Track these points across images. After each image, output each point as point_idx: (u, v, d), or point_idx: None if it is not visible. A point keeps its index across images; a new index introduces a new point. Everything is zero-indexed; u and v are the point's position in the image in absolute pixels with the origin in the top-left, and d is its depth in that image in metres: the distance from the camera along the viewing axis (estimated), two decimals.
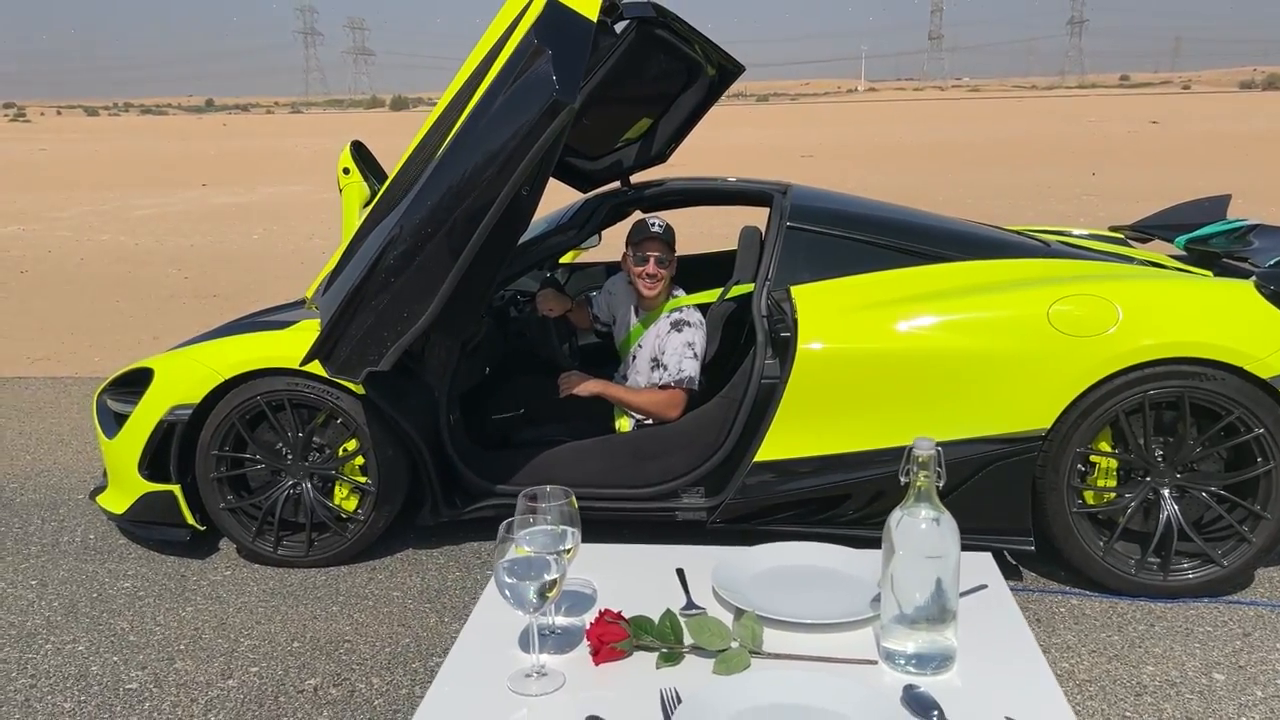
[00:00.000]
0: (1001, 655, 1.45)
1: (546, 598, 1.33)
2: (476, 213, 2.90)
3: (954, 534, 1.39)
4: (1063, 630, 3.12)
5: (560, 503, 1.47)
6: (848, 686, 1.32)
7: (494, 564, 1.35)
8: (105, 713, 2.79)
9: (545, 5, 2.92)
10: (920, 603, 1.38)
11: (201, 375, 3.58)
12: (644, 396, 3.65)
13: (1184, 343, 3.15)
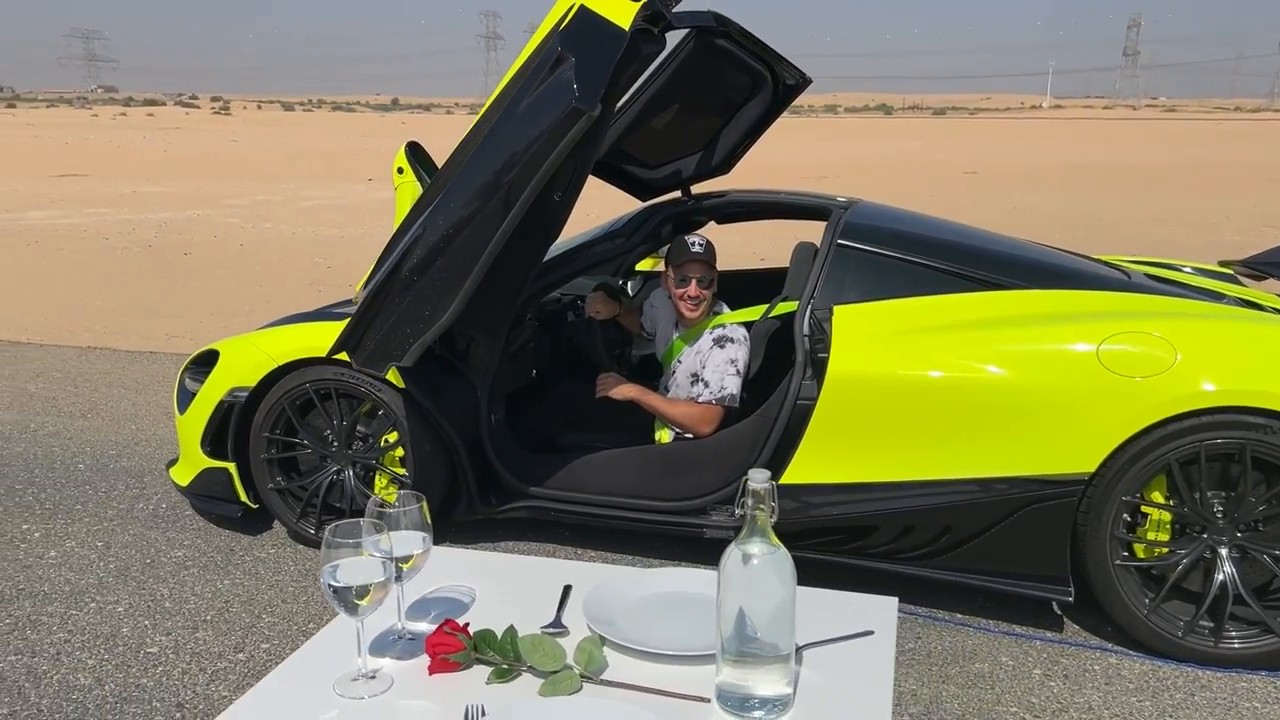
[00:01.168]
0: (845, 708, 1.35)
1: (358, 605, 1.33)
2: (497, 216, 2.93)
3: (788, 571, 1.31)
4: (1089, 689, 2.91)
5: (412, 507, 1.46)
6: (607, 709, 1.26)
7: (321, 566, 1.36)
8: (121, 672, 2.95)
9: (576, 11, 2.92)
10: (750, 641, 1.30)
11: (258, 360, 3.74)
12: (680, 409, 3.60)
13: (1247, 390, 2.89)
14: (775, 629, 1.30)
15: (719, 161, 4.14)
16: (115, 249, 12.29)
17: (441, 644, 1.41)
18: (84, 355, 6.90)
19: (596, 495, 3.59)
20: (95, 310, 8.54)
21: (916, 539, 3.25)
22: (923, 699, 2.85)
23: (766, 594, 1.29)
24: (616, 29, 2.91)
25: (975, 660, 3.06)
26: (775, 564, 1.30)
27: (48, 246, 12.43)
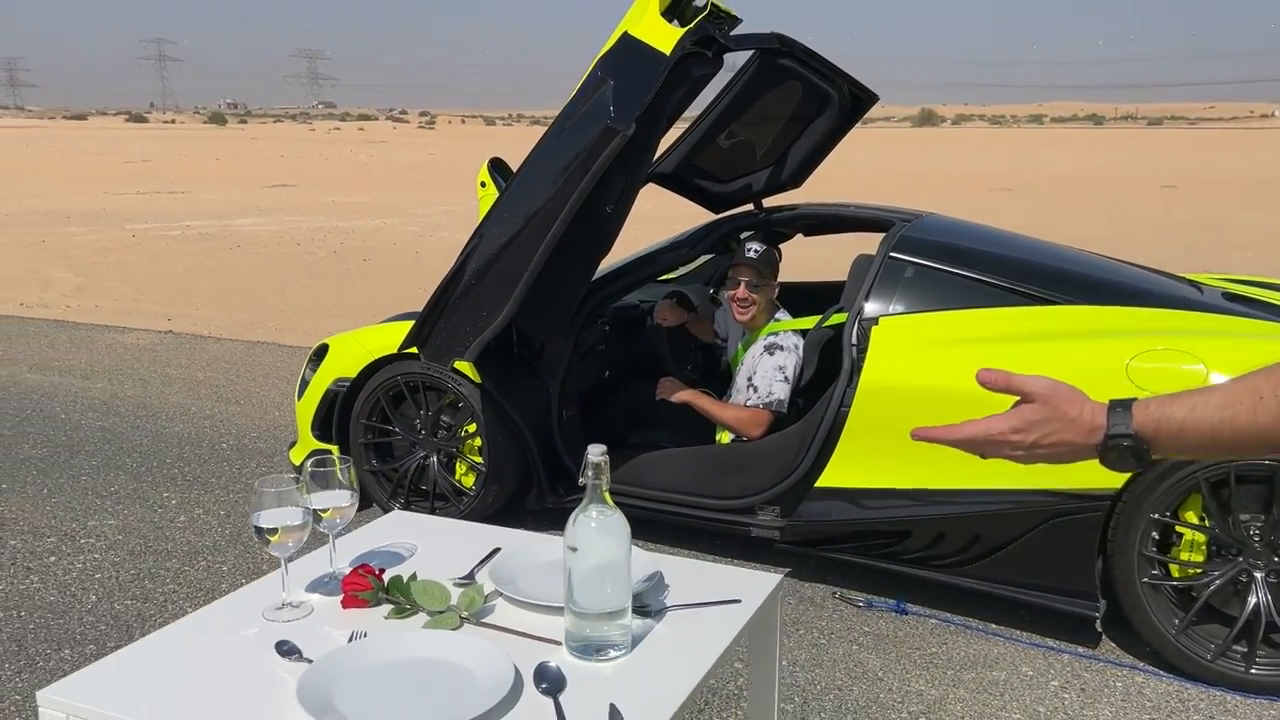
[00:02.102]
0: (673, 660, 1.53)
1: (270, 540, 1.60)
2: (544, 226, 3.20)
3: (623, 533, 1.50)
4: (1103, 704, 2.91)
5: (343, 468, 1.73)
6: (486, 648, 1.48)
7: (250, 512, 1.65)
8: None
9: (619, 38, 3.16)
10: (589, 595, 1.50)
11: (359, 354, 4.15)
12: (730, 412, 3.78)
13: None
14: (611, 583, 1.50)
15: (789, 176, 4.29)
16: (304, 254, 13.33)
17: (354, 584, 1.68)
18: (252, 349, 7.62)
19: (654, 490, 3.80)
20: (273, 309, 9.36)
21: (947, 546, 3.31)
22: (927, 699, 2.93)
23: (604, 552, 1.48)
24: (656, 53, 3.14)
25: (994, 668, 3.11)
26: (611, 526, 1.49)
27: (247, 250, 13.62)
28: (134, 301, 9.74)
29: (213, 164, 36.56)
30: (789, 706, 2.89)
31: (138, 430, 5.47)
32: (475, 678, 1.44)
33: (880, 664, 3.13)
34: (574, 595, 1.51)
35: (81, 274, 11.43)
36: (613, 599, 1.51)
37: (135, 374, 6.76)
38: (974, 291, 3.43)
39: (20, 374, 6.72)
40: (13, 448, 5.15)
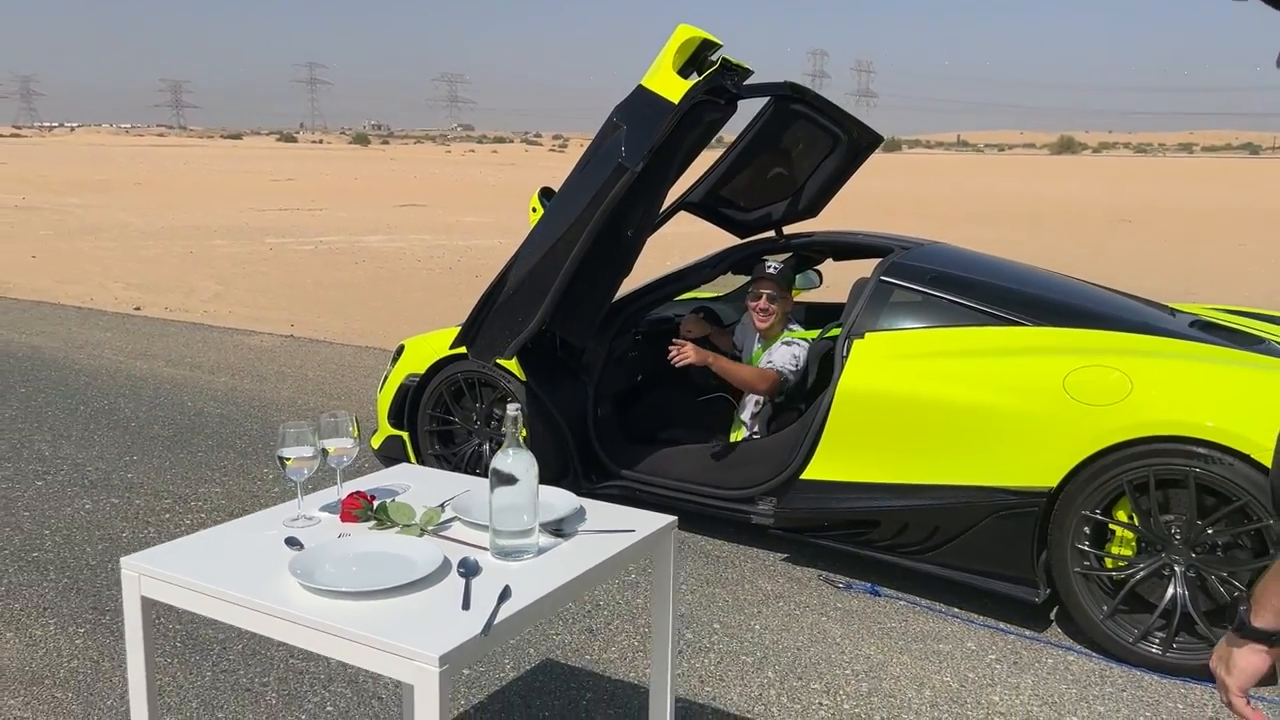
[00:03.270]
0: (565, 563, 2.07)
1: (286, 464, 2.21)
2: (568, 246, 3.79)
3: (531, 468, 2.05)
4: (1028, 675, 3.31)
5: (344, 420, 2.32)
6: (429, 547, 2.05)
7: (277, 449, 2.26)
8: None
9: (635, 89, 3.74)
10: (505, 515, 2.05)
11: (427, 353, 4.82)
12: (745, 370, 4.24)
13: (1191, 423, 3.20)
14: (523, 508, 2.05)
15: (805, 206, 4.78)
16: (422, 269, 14.29)
17: (351, 504, 2.27)
18: (360, 352, 8.45)
19: (671, 480, 4.33)
20: (384, 318, 10.23)
21: (911, 535, 3.76)
22: (872, 661, 3.38)
23: (516, 483, 2.04)
24: (665, 102, 3.70)
25: (942, 642, 3.54)
26: (522, 462, 2.05)
27: (371, 265, 14.66)
28: (264, 309, 10.75)
29: (351, 183, 38.57)
30: (749, 659, 3.39)
31: (249, 418, 6.28)
32: (415, 563, 2.02)
33: (841, 633, 3.59)
34: (493, 517, 2.07)
35: (221, 283, 12.58)
36: (525, 518, 2.07)
37: (254, 371, 7.63)
38: (950, 313, 3.87)
39: (158, 367, 7.66)
40: (145, 427, 6.01)
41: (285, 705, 3.06)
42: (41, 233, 18.42)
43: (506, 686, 3.19)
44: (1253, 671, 1.43)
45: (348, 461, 2.34)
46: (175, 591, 2.01)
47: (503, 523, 2.07)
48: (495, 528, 2.09)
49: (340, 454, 2.31)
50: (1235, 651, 1.44)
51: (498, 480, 2.05)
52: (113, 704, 3.05)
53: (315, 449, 2.26)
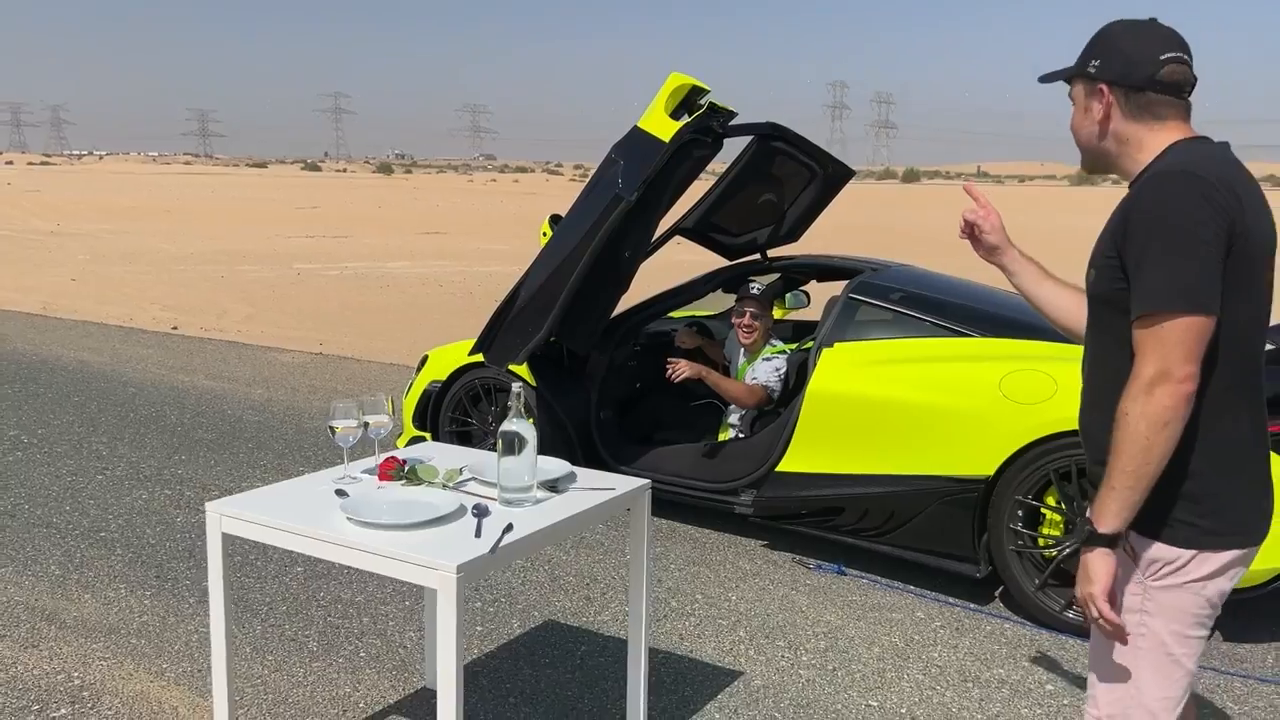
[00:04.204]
0: (556, 509, 2.60)
1: (335, 431, 2.76)
2: (571, 265, 4.34)
3: (531, 435, 2.58)
4: (966, 637, 3.81)
5: (379, 399, 2.87)
6: (449, 495, 2.59)
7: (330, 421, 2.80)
8: None
9: (631, 129, 4.30)
10: (510, 473, 2.59)
11: (448, 363, 5.37)
12: (734, 386, 4.77)
13: None
14: (524, 467, 2.59)
15: (786, 232, 5.32)
16: (444, 294, 14.91)
17: (387, 465, 2.81)
18: (385, 369, 9.03)
19: (666, 475, 4.85)
20: (407, 338, 10.81)
21: (870, 520, 4.27)
22: (831, 625, 3.89)
23: (520, 447, 2.58)
24: (657, 141, 4.26)
25: (896, 611, 4.04)
26: (523, 430, 2.58)
27: (394, 289, 15.29)
28: (294, 329, 11.36)
29: (375, 211, 39.44)
30: (724, 623, 3.90)
31: (284, 424, 6.85)
32: (438, 506, 2.56)
33: (807, 603, 4.10)
34: (501, 475, 2.61)
35: (252, 305, 13.22)
36: (525, 476, 2.61)
37: (287, 384, 8.21)
38: (907, 325, 4.39)
39: (198, 380, 8.26)
40: (190, 431, 6.59)
41: (324, 651, 3.59)
42: (79, 258, 19.17)
43: (514, 640, 3.71)
44: (1106, 572, 1.91)
45: (384, 433, 2.89)
46: (249, 527, 2.56)
47: (508, 479, 2.61)
48: (502, 484, 2.62)
49: (378, 426, 2.86)
50: (1089, 560, 1.91)
51: (504, 441, 2.59)
52: (179, 648, 3.59)
53: (359, 421, 2.81)
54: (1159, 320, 1.82)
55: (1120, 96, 1.99)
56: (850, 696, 3.36)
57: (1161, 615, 1.93)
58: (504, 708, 3.24)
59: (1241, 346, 1.90)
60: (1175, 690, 1.95)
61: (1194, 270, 1.80)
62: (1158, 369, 1.81)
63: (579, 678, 3.46)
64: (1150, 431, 1.81)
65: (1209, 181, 1.83)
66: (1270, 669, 3.63)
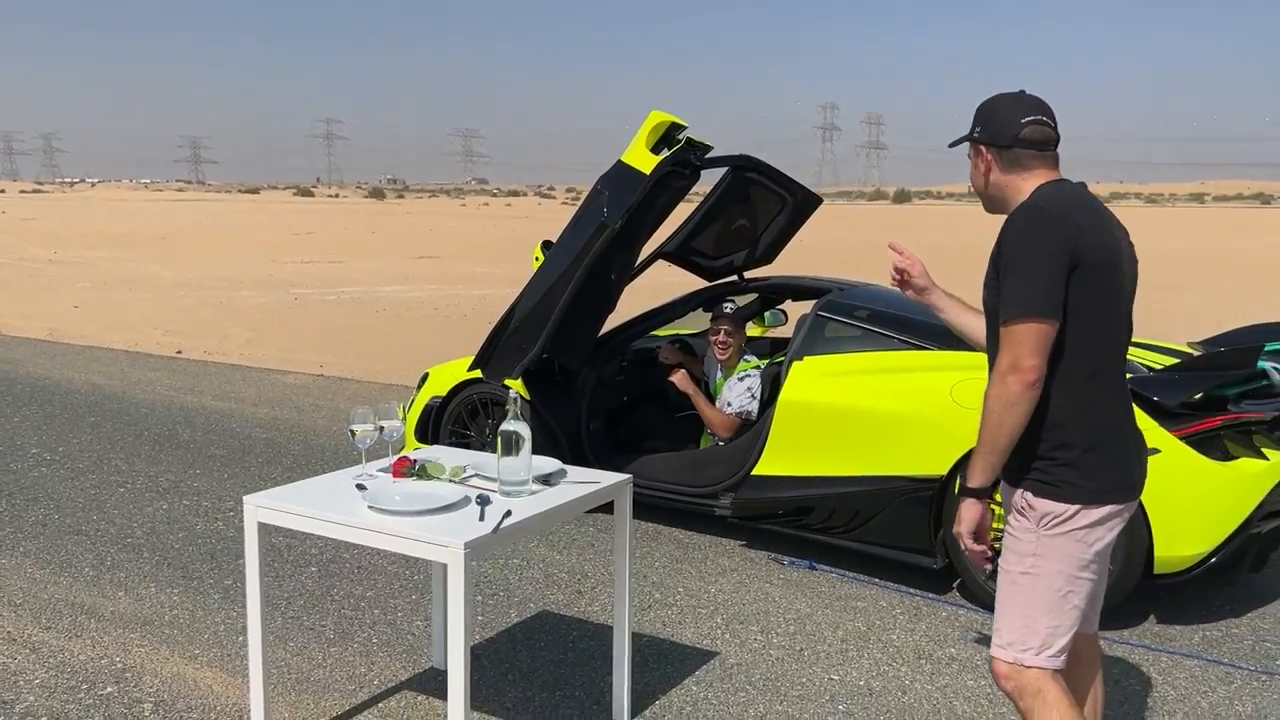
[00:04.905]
0: (548, 498, 2.98)
1: (354, 434, 3.14)
2: (562, 286, 4.75)
3: (527, 434, 2.97)
4: (923, 623, 4.19)
5: (392, 406, 3.26)
6: (454, 487, 2.98)
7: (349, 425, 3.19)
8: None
9: (615, 163, 4.72)
10: (509, 469, 2.98)
11: (448, 379, 5.76)
12: (714, 414, 5.19)
13: None
14: (521, 460, 2.97)
15: (760, 255, 5.74)
16: (439, 317, 15.30)
17: (400, 464, 3.19)
18: (384, 389, 9.41)
19: (652, 481, 5.23)
20: (405, 359, 11.20)
21: (836, 519, 4.66)
22: (800, 612, 4.27)
23: (518, 445, 2.96)
24: (639, 174, 4.67)
25: (861, 601, 4.42)
26: (521, 430, 2.97)
27: (391, 313, 15.68)
28: (294, 352, 11.74)
29: (369, 236, 39.88)
30: (703, 611, 4.28)
31: (291, 441, 7.22)
32: (446, 496, 2.95)
33: (780, 595, 4.48)
34: (500, 471, 3.00)
35: (252, 330, 13.60)
36: (521, 472, 3.00)
37: (292, 403, 8.59)
38: (870, 340, 4.80)
39: (206, 401, 8.64)
40: (203, 448, 6.96)
41: (340, 638, 3.97)
42: (79, 285, 19.55)
43: (512, 628, 4.09)
44: (972, 519, 2.41)
45: (396, 436, 3.28)
46: (282, 516, 2.95)
47: (507, 474, 3.00)
48: (502, 478, 3.01)
49: (391, 430, 3.25)
50: (962, 507, 2.43)
51: (503, 439, 2.98)
52: (209, 637, 3.96)
53: (375, 425, 3.20)
54: (1011, 324, 2.29)
55: (995, 154, 2.49)
56: (815, 672, 3.74)
57: (1051, 558, 2.37)
58: (504, 684, 3.62)
59: (1100, 341, 2.36)
60: (1064, 621, 2.38)
61: (1036, 285, 2.27)
62: (1009, 362, 2.29)
63: (570, 658, 3.84)
64: (1001, 410, 2.30)
65: (1052, 214, 2.31)
66: (1195, 647, 4.01)
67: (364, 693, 3.54)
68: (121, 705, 3.43)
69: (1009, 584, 2.43)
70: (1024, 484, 2.40)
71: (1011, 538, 2.45)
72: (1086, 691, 2.69)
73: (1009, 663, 2.42)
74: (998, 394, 2.31)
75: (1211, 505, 4.02)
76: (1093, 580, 2.41)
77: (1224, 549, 4.04)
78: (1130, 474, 2.41)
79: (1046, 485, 2.36)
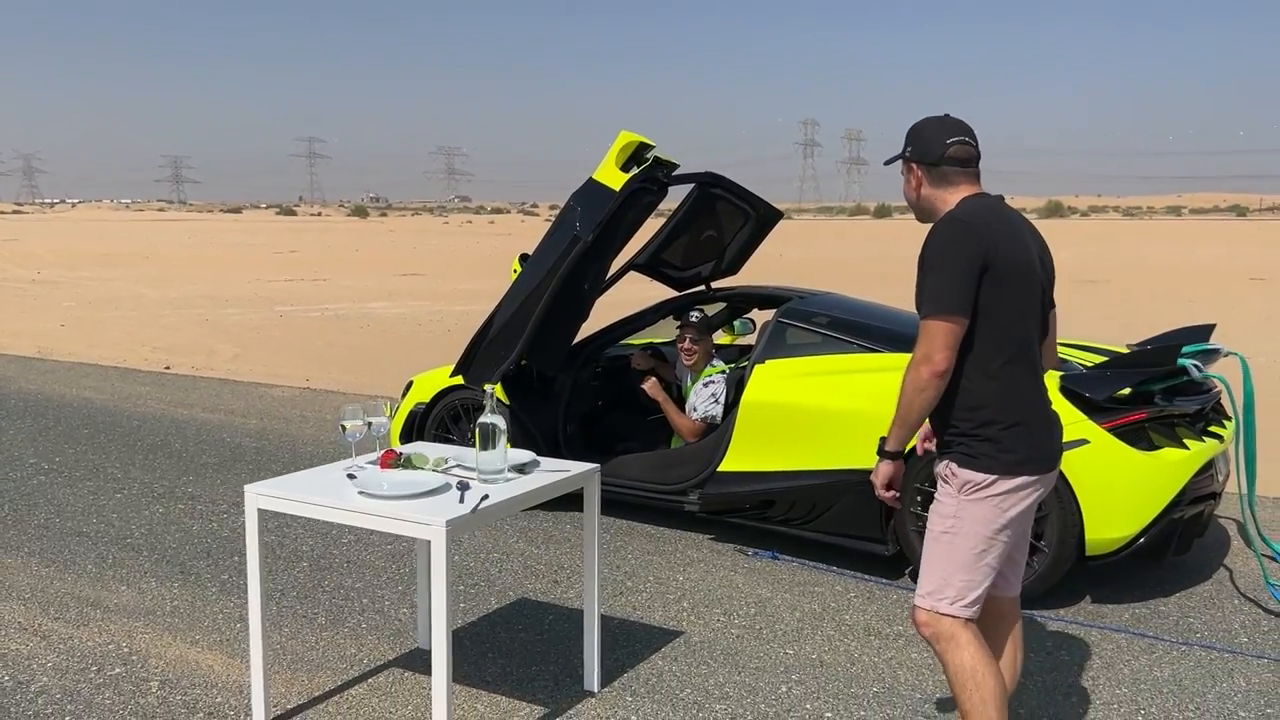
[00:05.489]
0: (523, 484, 3.29)
1: (345, 428, 3.44)
2: (537, 296, 5.06)
3: (504, 427, 3.28)
4: (875, 604, 4.50)
5: (378, 404, 3.56)
6: (436, 475, 3.28)
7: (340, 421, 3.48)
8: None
9: (587, 180, 5.05)
10: (486, 459, 3.28)
11: (431, 386, 6.06)
12: (681, 420, 5.51)
13: None
14: (497, 451, 3.28)
15: (726, 266, 6.08)
16: (423, 332, 15.58)
17: (387, 456, 3.49)
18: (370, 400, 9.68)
19: (626, 480, 5.54)
20: (390, 373, 11.48)
21: (796, 511, 4.98)
22: (761, 597, 4.58)
23: (496, 437, 3.27)
24: (609, 190, 5.00)
25: (818, 586, 4.74)
26: (498, 421, 3.28)
27: (375, 329, 15.95)
28: (280, 367, 12.01)
29: (352, 254, 40.12)
30: (671, 596, 4.59)
31: (280, 449, 7.50)
32: (429, 482, 3.25)
33: (744, 582, 4.79)
34: (479, 461, 3.31)
35: (238, 346, 13.86)
36: (497, 462, 3.30)
37: (280, 415, 8.86)
38: (826, 344, 5.13)
39: (197, 413, 8.90)
40: (195, 456, 7.23)
41: (331, 624, 4.25)
42: (64, 304, 19.74)
43: (492, 613, 4.39)
44: (886, 474, 2.80)
45: (383, 431, 3.58)
46: (280, 503, 3.25)
47: (484, 463, 3.31)
48: (480, 467, 3.32)
49: (379, 425, 3.55)
50: (880, 465, 2.81)
51: (481, 431, 3.29)
52: (208, 625, 4.24)
53: (364, 420, 3.50)
54: (927, 320, 2.64)
55: (924, 171, 2.84)
56: (771, 648, 4.05)
57: (969, 520, 2.71)
58: (484, 662, 3.91)
59: (1012, 333, 2.70)
60: (977, 576, 2.71)
61: (949, 287, 2.61)
62: (923, 353, 2.64)
63: (546, 639, 4.14)
64: (913, 393, 2.67)
65: (966, 223, 2.65)
66: (1124, 623, 4.34)
67: (354, 670, 3.83)
68: (130, 684, 3.71)
69: (931, 542, 2.77)
70: (950, 455, 2.76)
71: (937, 502, 2.79)
72: (1004, 647, 3.01)
73: (928, 610, 2.75)
74: (912, 379, 2.67)
75: (1137, 491, 4.35)
76: (1006, 543, 2.74)
77: (1149, 532, 4.38)
78: (1044, 449, 2.74)
79: (968, 457, 2.71)
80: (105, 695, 3.63)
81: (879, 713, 3.54)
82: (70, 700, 3.59)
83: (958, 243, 2.63)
